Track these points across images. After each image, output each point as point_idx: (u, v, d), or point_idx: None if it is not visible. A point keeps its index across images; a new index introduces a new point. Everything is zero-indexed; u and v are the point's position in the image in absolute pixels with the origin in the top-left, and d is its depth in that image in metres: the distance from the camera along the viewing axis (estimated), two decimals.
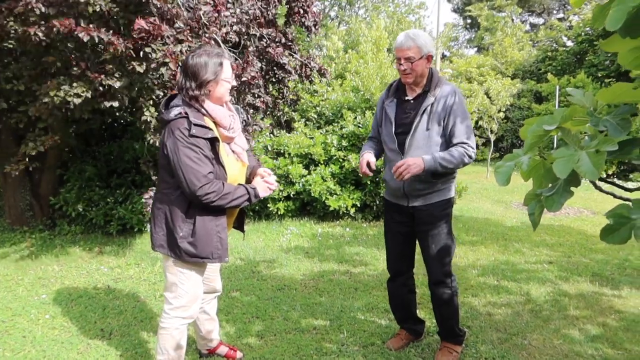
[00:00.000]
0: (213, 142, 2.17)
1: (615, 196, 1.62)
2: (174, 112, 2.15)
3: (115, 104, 3.81)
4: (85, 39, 3.40)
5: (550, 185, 1.41)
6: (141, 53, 3.60)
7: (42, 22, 3.44)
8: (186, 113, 2.13)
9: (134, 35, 3.51)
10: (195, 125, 2.11)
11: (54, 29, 3.35)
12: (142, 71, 3.63)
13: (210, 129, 2.16)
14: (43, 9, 3.33)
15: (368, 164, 2.65)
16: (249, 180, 2.50)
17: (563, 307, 3.60)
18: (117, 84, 3.66)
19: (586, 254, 5.01)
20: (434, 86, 2.58)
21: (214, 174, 2.17)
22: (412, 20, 18.40)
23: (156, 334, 3.09)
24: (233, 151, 2.35)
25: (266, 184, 2.39)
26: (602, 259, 4.83)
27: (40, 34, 3.37)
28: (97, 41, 3.47)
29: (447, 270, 2.72)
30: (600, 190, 1.63)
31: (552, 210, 1.33)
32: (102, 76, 3.58)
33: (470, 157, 2.53)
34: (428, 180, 2.58)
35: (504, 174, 1.45)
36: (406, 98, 2.67)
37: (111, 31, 3.56)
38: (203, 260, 2.26)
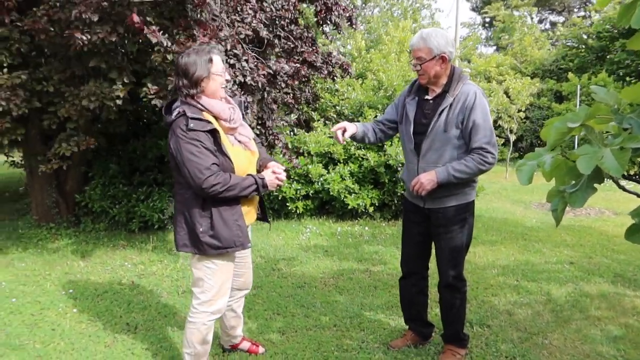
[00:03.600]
0: (213, 134, 2.21)
1: (639, 195, 1.62)
2: (174, 113, 2.23)
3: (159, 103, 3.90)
4: (154, 40, 3.48)
5: (573, 182, 1.42)
6: None
7: (86, 29, 3.56)
8: (184, 111, 2.19)
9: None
10: (193, 119, 2.17)
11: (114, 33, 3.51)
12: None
13: (208, 122, 2.22)
14: (94, 18, 3.43)
15: (344, 133, 2.67)
16: (259, 171, 2.51)
17: (584, 308, 3.58)
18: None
19: (608, 255, 4.96)
20: (454, 86, 2.52)
21: (219, 165, 2.21)
22: (425, 16, 18.26)
23: (180, 329, 3.18)
24: (239, 141, 2.38)
25: (274, 175, 2.40)
26: (624, 259, 4.77)
27: (84, 39, 3.47)
28: (165, 45, 3.55)
29: (458, 275, 2.69)
30: (624, 189, 1.64)
31: (575, 207, 1.34)
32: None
33: (489, 163, 2.45)
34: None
35: (526, 172, 1.46)
36: (426, 97, 2.63)
37: (166, 35, 3.65)
38: (227, 250, 2.30)
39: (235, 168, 2.29)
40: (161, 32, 3.58)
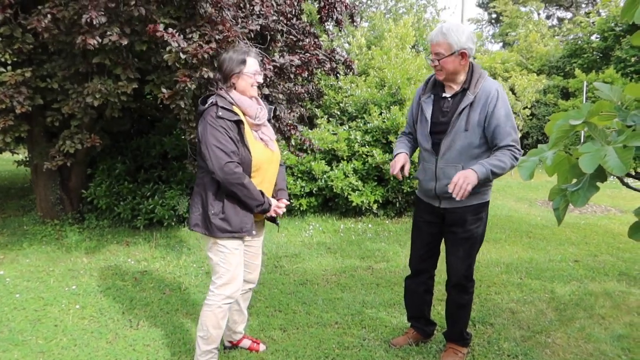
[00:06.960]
0: (238, 125, 2.40)
1: None
2: (208, 103, 2.44)
3: (182, 104, 3.89)
4: (174, 45, 3.49)
5: (575, 180, 1.40)
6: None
7: (96, 32, 3.58)
8: (216, 102, 2.40)
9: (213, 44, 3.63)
10: (223, 108, 2.37)
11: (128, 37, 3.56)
12: (212, 76, 3.69)
13: (236, 114, 2.41)
14: (103, 20, 3.48)
15: (402, 167, 2.56)
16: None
17: (588, 306, 3.55)
18: (193, 86, 3.73)
19: (613, 253, 4.92)
20: (474, 84, 2.45)
21: (239, 155, 2.38)
22: (432, 15, 18.13)
23: (182, 325, 3.19)
24: (262, 139, 2.55)
25: (277, 208, 2.60)
26: (630, 257, 4.74)
27: (94, 42, 3.51)
28: (179, 47, 3.54)
29: (468, 275, 2.67)
30: (628, 186, 1.61)
31: (577, 206, 1.32)
32: (187, 79, 3.67)
33: (518, 159, 2.39)
34: None
35: (527, 168, 1.44)
36: (444, 95, 2.55)
37: (181, 36, 3.64)
38: (233, 234, 2.45)
39: (254, 161, 2.44)
40: (177, 33, 3.59)
